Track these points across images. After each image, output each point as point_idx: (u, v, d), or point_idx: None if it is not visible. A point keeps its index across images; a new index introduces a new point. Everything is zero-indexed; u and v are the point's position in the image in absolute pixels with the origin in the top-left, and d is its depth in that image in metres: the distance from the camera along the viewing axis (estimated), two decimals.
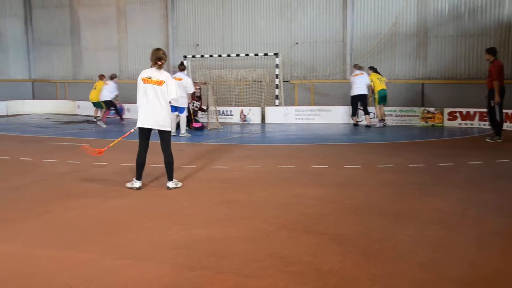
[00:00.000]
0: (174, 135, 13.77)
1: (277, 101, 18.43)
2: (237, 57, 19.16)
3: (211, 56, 19.47)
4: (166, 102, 7.33)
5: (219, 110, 16.97)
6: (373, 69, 15.99)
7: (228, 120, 17.84)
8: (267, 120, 17.89)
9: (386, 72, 16.96)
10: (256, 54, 18.73)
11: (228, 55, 19.28)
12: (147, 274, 4.24)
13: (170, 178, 7.50)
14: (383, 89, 15.57)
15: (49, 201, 6.78)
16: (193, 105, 15.53)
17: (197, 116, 15.92)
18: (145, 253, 4.73)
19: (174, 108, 13.59)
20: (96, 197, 7.01)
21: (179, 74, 13.73)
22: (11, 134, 14.72)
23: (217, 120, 16.23)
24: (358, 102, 15.88)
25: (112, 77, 17.46)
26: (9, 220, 5.88)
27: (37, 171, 8.97)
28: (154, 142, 7.50)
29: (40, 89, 24.25)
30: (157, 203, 6.75)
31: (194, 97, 15.64)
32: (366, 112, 15.91)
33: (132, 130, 7.79)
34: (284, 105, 18.47)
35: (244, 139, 13.95)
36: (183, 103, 13.30)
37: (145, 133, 7.40)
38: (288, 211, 6.20)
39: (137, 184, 7.38)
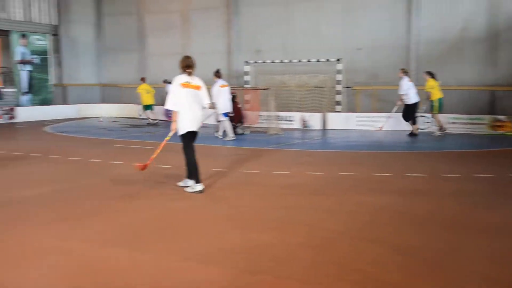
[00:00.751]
0: (233, 139, 14.16)
1: (338, 107, 18.28)
2: (298, 63, 19.15)
3: (272, 61, 19.57)
4: (201, 106, 7.72)
5: (279, 116, 17.03)
6: (430, 75, 15.01)
7: (288, 125, 17.85)
8: (327, 126, 17.77)
9: (453, 79, 16.45)
10: (318, 60, 18.65)
11: (290, 61, 19.31)
12: (209, 277, 4.32)
13: (190, 177, 7.71)
14: (441, 97, 14.94)
15: (114, 202, 7.04)
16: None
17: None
18: (206, 256, 4.82)
19: (225, 114, 13.98)
20: (158, 198, 7.21)
21: (222, 81, 14.35)
22: (81, 136, 15.37)
23: (278, 125, 16.28)
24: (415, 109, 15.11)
25: (167, 82, 18.26)
26: (77, 218, 6.16)
27: (104, 172, 9.33)
28: (210, 146, 7.61)
29: (107, 93, 25.21)
30: (218, 206, 6.86)
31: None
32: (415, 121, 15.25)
33: (168, 137, 7.93)
34: (346, 112, 18.29)
35: (304, 144, 13.92)
36: (229, 107, 14.20)
37: (193, 136, 7.65)
38: (349, 219, 6.14)
39: (199, 187, 7.52)
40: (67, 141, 14.53)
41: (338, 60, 18.24)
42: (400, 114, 15.35)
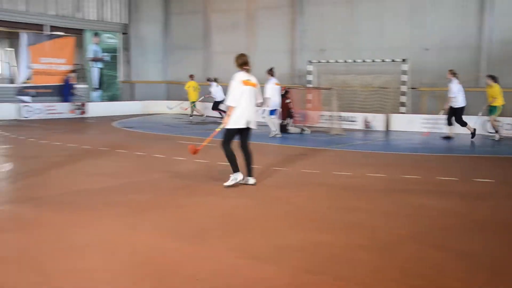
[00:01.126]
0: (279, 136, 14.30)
1: (403, 109, 17.84)
2: (362, 63, 18.85)
3: (336, 61, 19.37)
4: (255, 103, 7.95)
5: (342, 116, 16.84)
6: (493, 79, 14.17)
7: (351, 126, 17.61)
8: (391, 128, 17.39)
9: None
10: (383, 60, 18.26)
11: (354, 61, 19.03)
12: (267, 274, 4.34)
13: (252, 174, 7.92)
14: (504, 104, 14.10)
15: (178, 197, 7.21)
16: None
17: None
18: (265, 253, 4.84)
19: (273, 112, 14.21)
20: (219, 195, 7.31)
21: (275, 79, 14.65)
22: (147, 132, 15.83)
23: (340, 126, 16.11)
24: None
25: (211, 80, 19.49)
26: (142, 210, 6.35)
27: (167, 167, 9.56)
28: (270, 144, 7.62)
29: (172, 90, 25.79)
30: (276, 204, 6.87)
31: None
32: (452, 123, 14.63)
33: (218, 129, 8.09)
34: (411, 113, 17.81)
35: (367, 146, 13.70)
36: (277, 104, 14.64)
37: (242, 133, 7.81)
38: (412, 223, 5.99)
39: (239, 176, 7.69)
40: (133, 136, 15.02)
41: (403, 60, 17.79)
42: (469, 116, 14.74)
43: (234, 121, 7.64)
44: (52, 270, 4.36)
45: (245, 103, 7.65)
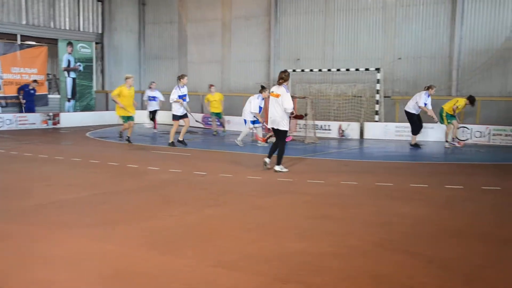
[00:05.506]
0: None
1: (376, 117, 18.05)
2: (337, 72, 19.05)
3: (311, 70, 19.52)
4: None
5: (316, 124, 16.94)
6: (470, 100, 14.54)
7: (325, 134, 17.74)
8: (365, 136, 17.58)
9: (497, 90, 16.03)
10: (357, 69, 18.51)
11: (329, 70, 19.22)
12: (241, 283, 4.31)
13: (278, 163, 9.93)
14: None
15: (152, 207, 7.13)
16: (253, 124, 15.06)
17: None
18: (239, 263, 4.81)
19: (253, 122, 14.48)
20: (193, 204, 7.26)
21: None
22: (121, 143, 15.65)
23: (315, 134, 16.21)
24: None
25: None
26: (117, 222, 6.26)
27: (142, 178, 9.47)
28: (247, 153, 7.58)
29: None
30: (252, 214, 6.85)
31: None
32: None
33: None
34: (384, 121, 18.04)
35: (341, 154, 13.80)
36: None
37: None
38: (384, 230, 6.03)
39: (285, 169, 10.02)
40: (107, 146, 14.85)
41: (377, 69, 18.04)
42: (439, 124, 15.09)
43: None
44: (17, 281, 4.27)
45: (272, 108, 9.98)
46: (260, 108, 14.72)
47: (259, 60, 21.52)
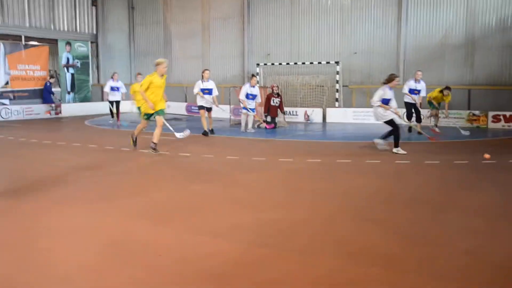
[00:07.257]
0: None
1: (337, 103, 18.12)
2: (302, 65, 19.00)
3: (280, 64, 19.44)
4: None
5: (285, 111, 16.91)
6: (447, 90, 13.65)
7: (293, 119, 17.75)
8: (327, 120, 17.67)
9: (436, 79, 16.24)
10: (319, 62, 18.51)
11: (295, 63, 19.16)
12: (222, 248, 4.29)
13: (396, 146, 9.90)
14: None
15: (143, 185, 7.04)
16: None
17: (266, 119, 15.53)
18: (220, 231, 4.79)
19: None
20: (181, 182, 7.19)
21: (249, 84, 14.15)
22: (115, 129, 15.36)
23: (284, 119, 16.19)
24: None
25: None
26: (111, 197, 6.16)
27: (135, 159, 9.33)
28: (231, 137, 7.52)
29: None
30: (233, 190, 6.80)
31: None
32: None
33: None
34: (343, 107, 18.14)
35: (307, 136, 13.83)
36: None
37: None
38: (346, 199, 6.08)
39: (402, 151, 9.82)
40: (103, 133, 14.58)
41: (336, 62, 18.07)
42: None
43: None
44: (20, 250, 4.16)
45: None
46: (253, 95, 13.95)
47: (234, 55, 21.32)
